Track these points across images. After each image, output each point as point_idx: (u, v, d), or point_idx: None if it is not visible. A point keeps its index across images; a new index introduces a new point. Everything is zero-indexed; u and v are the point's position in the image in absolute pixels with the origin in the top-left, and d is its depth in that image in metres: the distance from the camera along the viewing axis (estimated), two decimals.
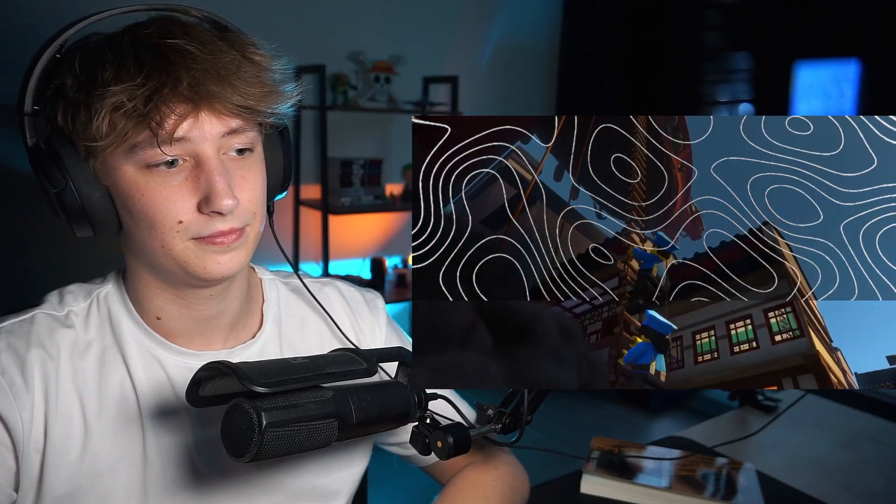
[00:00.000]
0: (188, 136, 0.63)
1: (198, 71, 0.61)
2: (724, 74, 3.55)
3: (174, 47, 0.62)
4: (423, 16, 3.42)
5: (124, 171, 0.64)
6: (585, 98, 3.77)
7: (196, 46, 0.62)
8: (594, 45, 3.72)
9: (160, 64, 0.61)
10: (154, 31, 0.63)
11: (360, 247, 3.46)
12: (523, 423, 0.76)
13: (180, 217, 0.65)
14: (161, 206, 0.64)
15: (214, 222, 0.66)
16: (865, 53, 3.03)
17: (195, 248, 0.67)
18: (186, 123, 0.63)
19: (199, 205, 0.65)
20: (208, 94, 0.62)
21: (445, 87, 3.39)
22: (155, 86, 0.60)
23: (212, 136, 0.64)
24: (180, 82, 0.61)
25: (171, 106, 0.61)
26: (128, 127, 0.61)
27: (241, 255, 0.70)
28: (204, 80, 0.62)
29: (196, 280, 0.69)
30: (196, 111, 0.63)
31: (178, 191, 0.65)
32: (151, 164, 0.63)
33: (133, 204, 0.65)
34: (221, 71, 0.63)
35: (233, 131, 0.66)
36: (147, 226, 0.66)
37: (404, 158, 3.46)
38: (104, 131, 0.61)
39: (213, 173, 0.64)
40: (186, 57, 0.62)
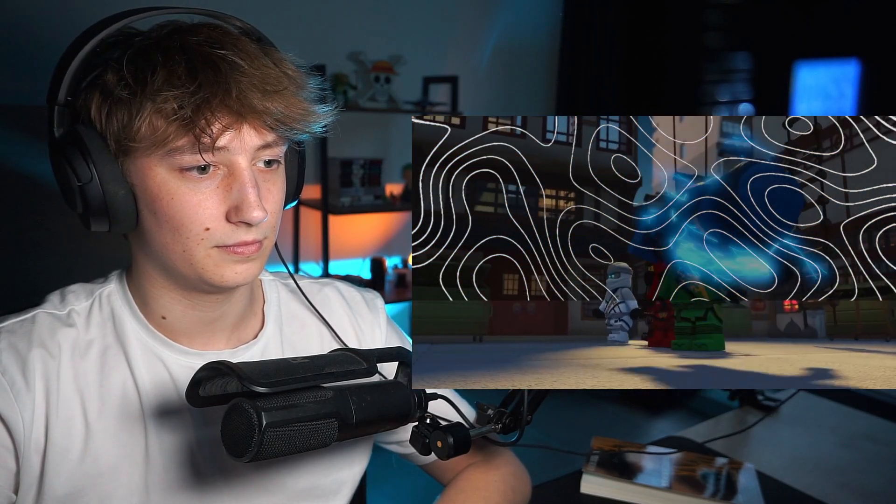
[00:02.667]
0: (228, 146, 0.64)
1: (245, 84, 0.63)
2: (724, 74, 3.55)
3: (224, 58, 0.63)
4: (423, 16, 3.42)
5: (156, 172, 0.65)
6: (585, 98, 3.78)
7: (245, 59, 0.64)
8: (594, 45, 3.72)
9: (212, 74, 0.62)
10: (204, 40, 0.64)
11: (360, 247, 3.47)
12: (523, 423, 0.76)
13: (208, 224, 0.66)
14: (190, 211, 0.65)
15: (239, 232, 0.67)
16: (865, 53, 3.04)
17: (216, 255, 0.67)
18: (229, 134, 0.64)
19: (228, 213, 0.66)
20: (253, 108, 0.63)
21: (445, 87, 3.39)
22: (206, 95, 0.61)
23: (249, 149, 0.66)
24: (230, 94, 0.62)
25: (218, 116, 0.62)
26: (170, 131, 0.62)
27: (257, 266, 0.71)
28: (250, 94, 0.63)
29: (209, 286, 0.70)
30: (239, 123, 0.64)
31: (208, 198, 0.65)
32: (185, 168, 0.64)
33: (160, 206, 0.65)
34: (267, 86, 0.64)
35: (267, 145, 0.67)
36: (171, 229, 0.66)
37: (404, 158, 3.46)
38: (144, 132, 0.62)
39: (246, 184, 0.65)
40: (236, 69, 0.63)
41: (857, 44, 3.05)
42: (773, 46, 3.31)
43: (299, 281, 0.87)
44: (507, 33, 3.73)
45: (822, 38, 3.15)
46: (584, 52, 3.75)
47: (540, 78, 3.92)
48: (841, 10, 3.09)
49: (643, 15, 3.68)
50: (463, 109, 3.49)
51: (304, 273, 3.13)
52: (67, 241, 2.37)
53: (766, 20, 3.35)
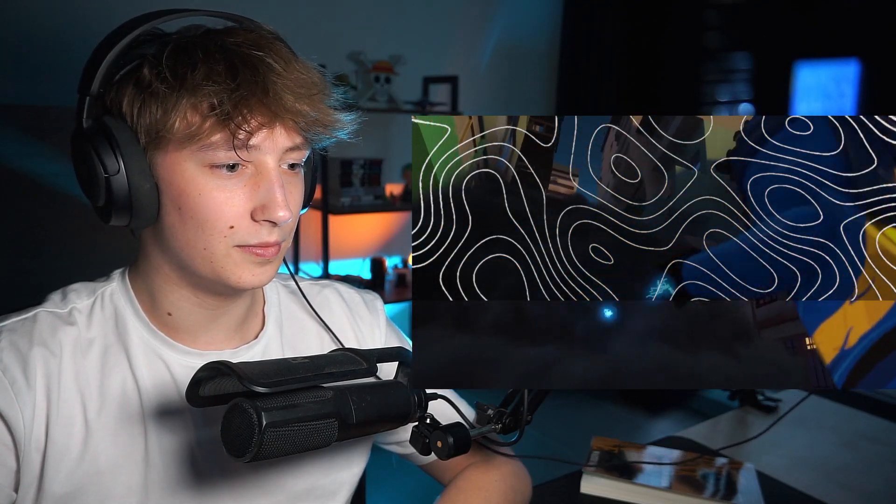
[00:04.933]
0: (260, 145, 0.65)
1: (281, 86, 0.64)
2: (724, 74, 3.55)
3: (262, 59, 0.64)
4: (423, 16, 3.42)
5: (185, 167, 0.65)
6: (585, 98, 3.78)
7: (280, 63, 0.65)
8: (594, 45, 3.72)
9: (250, 74, 0.63)
10: (243, 42, 0.65)
11: (360, 247, 3.47)
12: (523, 423, 0.76)
13: (232, 222, 0.66)
14: (217, 208, 0.65)
15: (262, 232, 0.67)
16: (865, 53, 3.04)
17: (237, 255, 0.68)
18: (262, 133, 0.65)
19: (254, 212, 0.67)
20: (287, 109, 0.64)
21: (445, 87, 3.39)
22: (244, 93, 0.62)
23: (279, 149, 0.67)
24: (267, 94, 0.63)
25: (255, 114, 0.64)
26: (206, 126, 0.63)
27: (273, 269, 0.72)
28: (285, 96, 0.64)
29: (223, 287, 0.70)
30: (272, 123, 0.65)
31: (235, 195, 0.66)
32: (216, 164, 0.65)
33: (186, 201, 0.66)
34: (300, 90, 0.65)
35: (296, 147, 0.68)
36: (196, 225, 0.66)
37: (404, 158, 3.46)
38: (179, 126, 0.63)
39: (274, 184, 0.66)
40: (272, 71, 0.64)
41: (857, 44, 3.05)
42: (773, 46, 3.31)
43: (299, 282, 0.87)
44: (507, 33, 3.73)
45: (822, 38, 3.15)
46: (584, 52, 3.75)
47: (540, 78, 3.92)
48: (841, 10, 3.09)
49: (643, 15, 3.68)
50: (463, 109, 3.49)
51: (305, 273, 3.13)
52: (68, 241, 2.37)
53: (766, 20, 3.35)
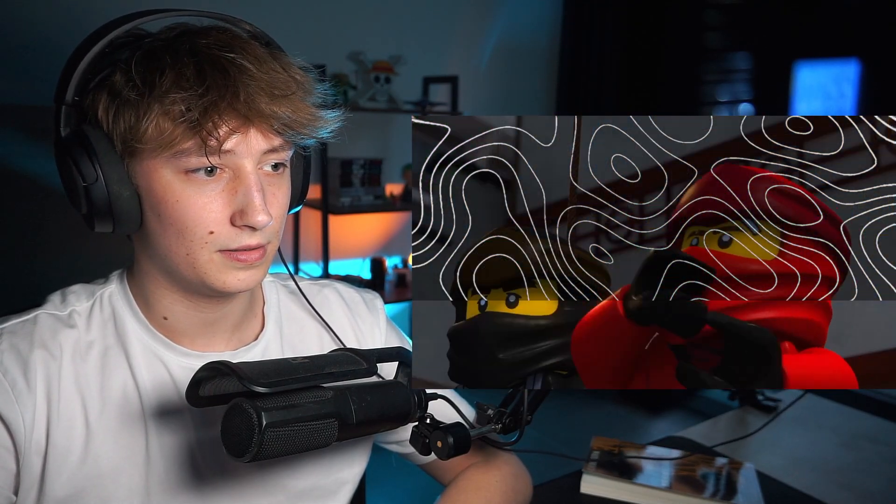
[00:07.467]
0: (235, 149, 0.64)
1: (254, 88, 0.62)
2: (724, 74, 3.55)
3: (233, 61, 0.63)
4: (423, 16, 3.42)
5: (161, 174, 0.65)
6: (585, 98, 3.77)
7: (253, 63, 0.63)
8: (594, 46, 3.72)
9: (220, 77, 0.62)
10: (213, 43, 0.64)
11: (360, 247, 3.47)
12: (523, 423, 0.76)
13: (212, 228, 0.65)
14: (195, 214, 0.65)
15: (243, 236, 0.67)
16: (865, 53, 3.04)
17: (220, 260, 0.67)
18: (235, 137, 0.64)
19: (233, 217, 0.66)
20: (261, 112, 0.63)
21: (445, 87, 3.39)
22: (213, 98, 0.61)
23: (255, 152, 0.66)
24: (237, 98, 0.62)
25: (226, 119, 0.62)
26: (177, 133, 0.62)
27: (260, 272, 0.71)
28: (258, 98, 0.63)
29: (210, 291, 0.70)
30: (246, 127, 0.64)
31: (213, 201, 0.65)
32: (190, 170, 0.64)
33: (164, 208, 0.65)
34: (275, 91, 0.64)
35: (273, 149, 0.67)
36: (176, 232, 0.66)
37: (404, 158, 3.46)
38: (151, 133, 0.62)
39: (251, 188, 0.65)
40: (244, 73, 0.63)
41: (857, 44, 3.05)
42: (773, 46, 3.31)
43: (299, 282, 0.87)
44: (507, 33, 3.73)
45: (822, 38, 3.15)
46: (584, 52, 3.75)
47: (540, 78, 3.92)
48: (841, 10, 3.09)
49: (643, 15, 3.68)
50: (463, 109, 3.49)
51: (305, 273, 3.13)
52: (68, 241, 2.37)
53: (766, 20, 3.35)
